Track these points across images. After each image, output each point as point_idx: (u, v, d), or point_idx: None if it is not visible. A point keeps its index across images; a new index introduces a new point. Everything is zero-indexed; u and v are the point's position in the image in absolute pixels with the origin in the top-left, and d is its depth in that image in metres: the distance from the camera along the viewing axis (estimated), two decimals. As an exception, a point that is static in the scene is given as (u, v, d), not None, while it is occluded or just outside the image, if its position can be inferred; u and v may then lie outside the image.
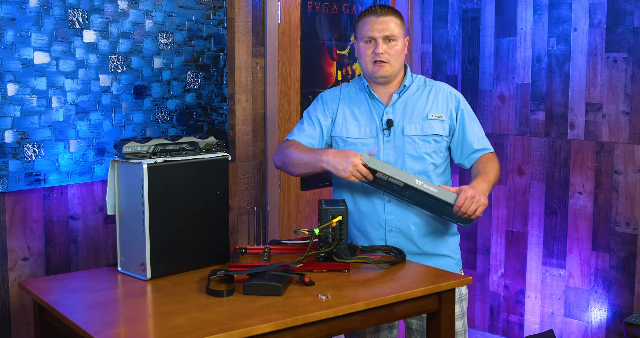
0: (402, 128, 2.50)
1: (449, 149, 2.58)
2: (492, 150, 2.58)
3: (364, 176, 2.32)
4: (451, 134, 2.54)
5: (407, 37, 2.55)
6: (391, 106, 2.52)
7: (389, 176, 2.29)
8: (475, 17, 3.91)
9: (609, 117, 3.46)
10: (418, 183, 2.28)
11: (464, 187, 2.33)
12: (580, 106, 3.55)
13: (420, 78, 2.60)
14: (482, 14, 3.88)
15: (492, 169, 2.48)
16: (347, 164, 2.32)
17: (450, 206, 2.33)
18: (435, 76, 4.10)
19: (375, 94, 2.54)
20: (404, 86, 2.53)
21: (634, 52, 3.37)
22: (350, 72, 3.76)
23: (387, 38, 2.45)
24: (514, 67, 3.77)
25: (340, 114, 2.57)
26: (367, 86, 2.55)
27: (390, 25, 2.45)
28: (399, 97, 2.53)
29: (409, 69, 2.59)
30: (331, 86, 3.68)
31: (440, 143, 2.52)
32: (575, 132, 3.57)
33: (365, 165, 2.30)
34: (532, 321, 3.80)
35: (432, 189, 2.30)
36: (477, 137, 2.54)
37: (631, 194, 3.41)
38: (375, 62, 2.47)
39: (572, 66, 3.56)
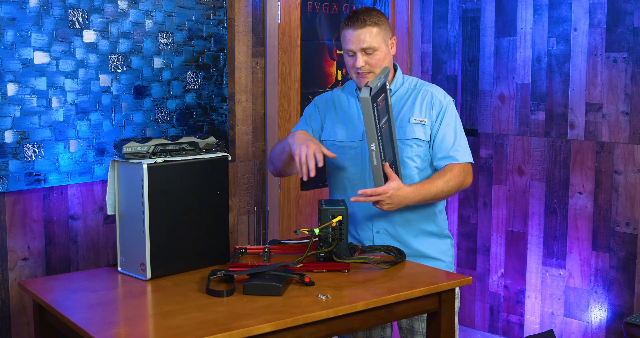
0: None
1: None
2: (463, 161, 2.47)
3: (314, 167, 2.29)
4: (430, 138, 2.51)
5: (394, 38, 2.50)
6: None
7: (365, 122, 2.25)
8: (475, 17, 3.91)
9: (609, 117, 3.46)
10: (372, 147, 2.25)
11: (393, 185, 2.30)
12: (580, 106, 3.55)
13: (412, 81, 2.57)
14: (482, 14, 3.88)
15: (441, 183, 2.40)
16: (303, 145, 2.31)
17: (372, 184, 2.34)
18: (435, 76, 4.10)
19: None
20: (390, 89, 2.51)
21: (634, 52, 3.37)
22: (350, 72, 3.76)
23: (365, 50, 2.42)
24: (514, 67, 3.77)
25: (329, 118, 2.59)
26: (355, 89, 2.56)
27: (367, 37, 2.40)
28: None
29: (399, 71, 2.56)
30: (331, 86, 3.68)
31: (422, 147, 2.49)
32: (575, 132, 3.57)
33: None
34: (532, 321, 3.80)
35: (373, 161, 2.28)
36: (448, 143, 2.47)
37: (631, 194, 3.41)
38: (358, 73, 2.46)
39: (572, 66, 3.56)
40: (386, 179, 2.32)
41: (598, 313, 3.55)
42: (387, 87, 2.37)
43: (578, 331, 3.62)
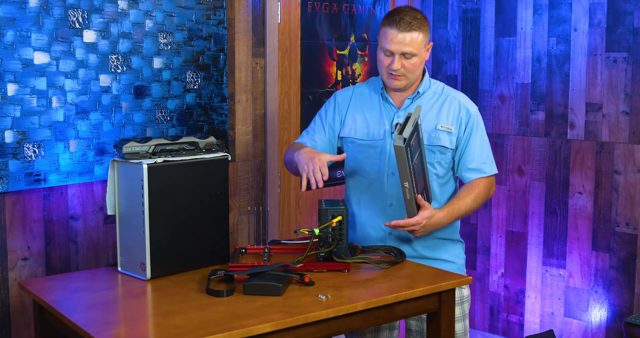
0: None
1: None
2: (490, 174, 2.50)
3: (321, 179, 2.28)
4: (456, 147, 2.50)
5: (431, 43, 2.48)
6: (403, 110, 2.49)
7: (398, 165, 2.24)
8: (475, 17, 3.91)
9: (609, 117, 3.46)
10: (406, 185, 2.25)
11: (426, 215, 2.31)
12: (580, 106, 3.55)
13: (438, 85, 2.55)
14: (482, 14, 3.88)
15: (469, 201, 2.44)
16: (309, 162, 2.30)
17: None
18: (435, 76, 4.10)
19: (389, 97, 2.51)
20: (418, 92, 2.50)
21: (634, 52, 3.37)
22: (350, 72, 3.76)
23: (404, 54, 2.39)
24: (514, 67, 3.77)
25: (350, 115, 2.56)
26: (382, 87, 2.53)
27: (410, 41, 2.37)
28: (411, 102, 2.50)
29: (427, 75, 2.54)
30: (331, 86, 3.68)
31: (445, 154, 2.48)
32: (575, 132, 3.57)
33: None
34: (532, 321, 3.80)
35: (406, 196, 2.27)
36: (477, 156, 2.49)
37: (631, 194, 3.41)
38: (390, 74, 2.43)
39: (572, 66, 3.56)
40: (418, 208, 2.32)
41: (598, 313, 3.55)
42: (419, 123, 2.33)
43: (578, 331, 3.62)
